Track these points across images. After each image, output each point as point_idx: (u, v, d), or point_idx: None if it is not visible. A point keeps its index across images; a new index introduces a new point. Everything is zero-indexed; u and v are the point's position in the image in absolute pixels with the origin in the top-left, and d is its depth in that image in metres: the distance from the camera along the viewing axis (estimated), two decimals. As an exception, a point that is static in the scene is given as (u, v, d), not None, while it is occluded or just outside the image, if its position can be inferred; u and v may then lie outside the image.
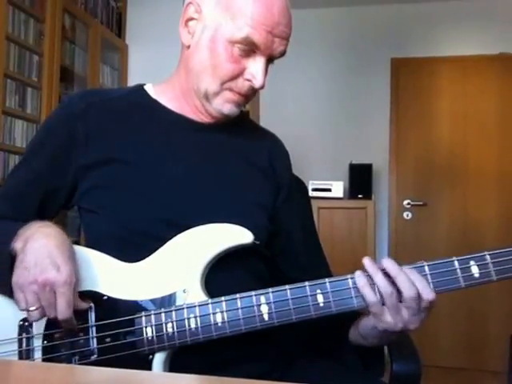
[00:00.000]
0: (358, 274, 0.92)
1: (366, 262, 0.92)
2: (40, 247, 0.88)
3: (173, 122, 1.09)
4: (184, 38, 1.06)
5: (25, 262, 0.87)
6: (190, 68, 1.06)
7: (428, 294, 0.89)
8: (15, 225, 0.95)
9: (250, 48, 1.00)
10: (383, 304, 0.90)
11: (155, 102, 1.11)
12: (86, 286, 0.95)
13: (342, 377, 1.04)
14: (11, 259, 0.90)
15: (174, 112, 1.10)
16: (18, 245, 0.90)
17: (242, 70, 1.02)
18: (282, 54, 1.05)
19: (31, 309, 0.87)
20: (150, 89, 1.14)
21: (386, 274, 0.90)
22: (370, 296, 0.90)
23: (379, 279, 0.90)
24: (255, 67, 1.02)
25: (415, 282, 0.90)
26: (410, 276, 0.90)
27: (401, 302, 0.90)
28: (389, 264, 0.91)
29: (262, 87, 1.04)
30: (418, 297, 0.89)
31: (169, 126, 1.09)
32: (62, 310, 0.87)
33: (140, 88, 1.14)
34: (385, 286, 0.89)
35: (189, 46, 1.06)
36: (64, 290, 0.86)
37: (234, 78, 1.03)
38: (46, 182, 1.07)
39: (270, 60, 1.04)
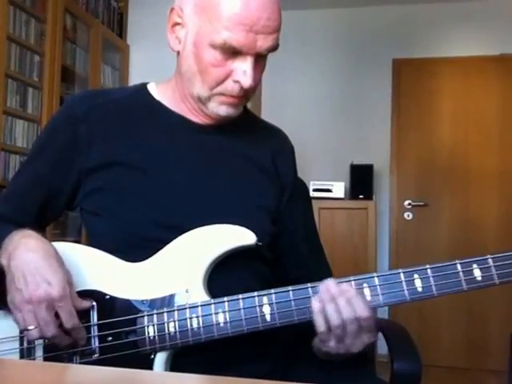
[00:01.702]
0: (315, 298, 0.92)
1: (325, 284, 0.92)
2: (25, 264, 0.87)
3: (175, 124, 1.09)
4: (172, 43, 1.05)
5: (15, 282, 0.87)
6: (182, 73, 1.05)
7: (362, 312, 0.90)
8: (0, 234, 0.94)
9: (231, 51, 0.96)
10: (330, 330, 0.91)
11: (158, 103, 1.10)
12: (88, 285, 0.96)
13: (342, 377, 1.04)
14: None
15: (176, 113, 1.09)
16: (3, 260, 0.90)
17: (228, 73, 0.98)
18: (272, 49, 0.98)
19: (30, 328, 0.87)
20: (153, 89, 1.13)
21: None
22: (320, 324, 0.91)
23: (330, 309, 0.90)
24: (242, 68, 0.97)
25: (353, 303, 0.90)
26: (347, 295, 0.90)
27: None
28: (330, 287, 0.91)
29: (254, 86, 1.00)
30: (356, 318, 0.90)
31: (171, 127, 1.08)
32: (67, 321, 0.88)
33: (143, 88, 1.14)
34: (334, 318, 0.90)
35: (179, 52, 1.04)
36: (61, 304, 0.87)
37: (222, 81, 0.99)
38: (47, 184, 1.07)
39: (260, 56, 0.99)
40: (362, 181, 3.87)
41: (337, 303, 0.90)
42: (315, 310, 0.91)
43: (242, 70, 0.97)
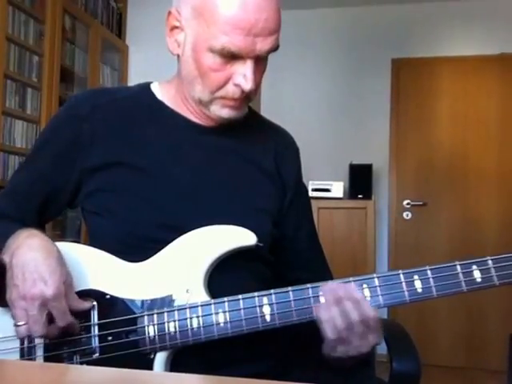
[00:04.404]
0: (322, 307, 0.91)
1: (329, 288, 0.92)
2: (26, 262, 0.88)
3: (177, 125, 1.09)
4: (171, 47, 1.04)
5: (14, 278, 0.88)
6: (182, 77, 1.05)
7: (370, 312, 0.90)
8: (5, 232, 0.95)
9: (231, 55, 0.95)
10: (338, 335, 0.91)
11: (161, 103, 1.11)
12: (89, 285, 0.96)
13: (342, 376, 1.04)
14: (1, 269, 0.90)
15: (178, 114, 1.09)
16: (6, 258, 0.91)
17: (229, 76, 0.97)
18: (272, 50, 0.97)
19: (18, 324, 0.87)
20: (156, 88, 1.13)
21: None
22: (329, 332, 0.91)
23: (336, 313, 0.90)
24: (242, 72, 0.96)
25: (360, 303, 0.90)
26: (353, 296, 0.90)
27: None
28: (337, 290, 0.91)
29: (255, 89, 0.99)
30: (363, 319, 0.90)
31: (173, 128, 1.08)
32: (60, 319, 0.88)
33: (147, 87, 1.13)
34: (340, 321, 0.90)
35: (178, 55, 1.04)
36: (55, 304, 0.87)
37: (223, 85, 0.98)
38: (48, 182, 1.07)
39: (260, 58, 0.98)
40: (361, 180, 3.87)
41: (344, 306, 0.90)
42: (323, 318, 0.91)
43: (242, 74, 0.96)
